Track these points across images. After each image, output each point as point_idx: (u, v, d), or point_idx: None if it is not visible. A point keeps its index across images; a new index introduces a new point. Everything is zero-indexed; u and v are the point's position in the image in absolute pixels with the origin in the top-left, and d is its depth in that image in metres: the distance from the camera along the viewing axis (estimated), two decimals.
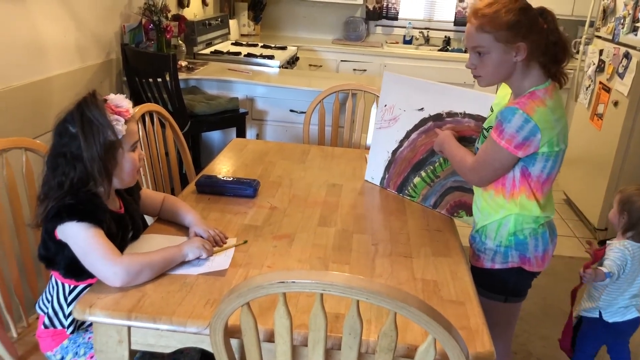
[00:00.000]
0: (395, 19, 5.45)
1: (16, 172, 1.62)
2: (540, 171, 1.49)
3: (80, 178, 1.29)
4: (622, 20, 3.49)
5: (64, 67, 2.52)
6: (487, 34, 1.45)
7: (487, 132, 1.53)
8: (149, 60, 2.93)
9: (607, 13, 3.77)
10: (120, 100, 1.36)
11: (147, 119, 2.12)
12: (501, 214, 1.55)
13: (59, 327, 1.41)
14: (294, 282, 0.97)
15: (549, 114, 1.42)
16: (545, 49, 1.44)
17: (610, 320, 2.01)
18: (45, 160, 1.34)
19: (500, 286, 1.61)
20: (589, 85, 3.85)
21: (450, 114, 1.76)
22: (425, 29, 5.49)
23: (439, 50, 5.30)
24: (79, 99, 1.31)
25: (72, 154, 1.29)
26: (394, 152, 1.96)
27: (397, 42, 5.48)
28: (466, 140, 1.73)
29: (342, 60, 5.04)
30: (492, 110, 1.62)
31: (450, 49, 5.33)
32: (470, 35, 1.48)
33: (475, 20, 1.46)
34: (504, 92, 1.60)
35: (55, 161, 1.30)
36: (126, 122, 1.34)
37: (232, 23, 4.84)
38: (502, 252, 1.57)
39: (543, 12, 1.46)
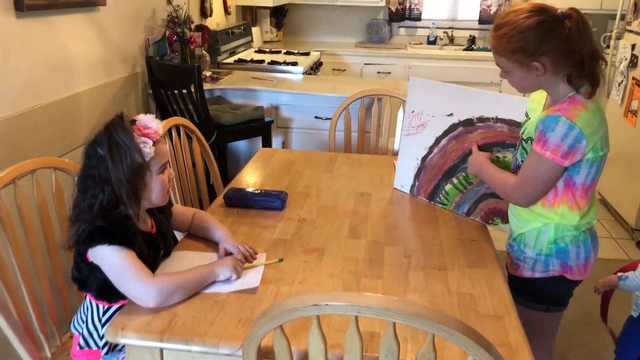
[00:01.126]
0: (419, 19, 5.39)
1: (46, 192, 1.63)
2: (585, 178, 1.43)
3: (109, 201, 1.29)
4: None
5: (90, 82, 2.55)
6: (501, 56, 1.43)
7: (527, 142, 1.47)
8: (173, 73, 2.95)
9: (638, 6, 3.66)
10: (149, 121, 1.35)
11: (173, 132, 2.12)
12: (540, 221, 1.50)
13: (94, 347, 1.41)
14: (327, 304, 0.94)
15: (592, 118, 1.37)
16: (569, 56, 1.37)
17: None
18: (75, 182, 1.34)
19: (541, 295, 1.56)
20: (622, 81, 3.73)
21: (481, 119, 1.72)
22: (449, 28, 5.41)
23: (464, 49, 5.22)
24: (107, 121, 1.30)
25: (100, 176, 1.29)
26: (424, 158, 1.92)
27: (421, 43, 5.42)
28: (500, 146, 1.68)
29: (365, 64, 5.00)
30: (527, 116, 1.56)
31: (475, 48, 5.25)
32: (493, 54, 1.48)
33: (491, 40, 1.45)
34: (540, 97, 1.54)
35: (85, 183, 1.30)
36: (154, 143, 1.33)
37: (255, 30, 4.85)
38: (542, 260, 1.52)
39: (567, 16, 1.37)
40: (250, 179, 2.15)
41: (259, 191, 1.90)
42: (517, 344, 1.21)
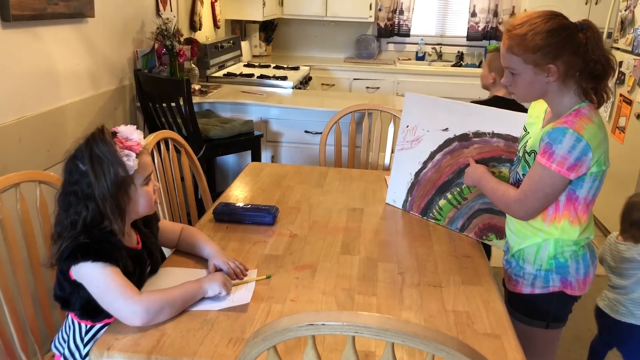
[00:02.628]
0: (407, 35, 5.42)
1: (30, 205, 1.58)
2: (587, 192, 1.42)
3: (93, 217, 1.24)
4: None
5: (77, 94, 2.50)
6: (516, 55, 1.40)
7: (530, 155, 1.45)
8: (162, 85, 2.91)
9: (625, 24, 3.70)
10: (131, 133, 1.31)
11: (162, 145, 2.08)
12: (540, 237, 1.48)
13: None
14: (324, 324, 0.90)
15: (597, 132, 1.36)
16: (584, 66, 1.37)
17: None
18: (56, 199, 1.29)
19: (541, 312, 1.53)
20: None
21: (477, 134, 1.70)
22: (438, 44, 5.45)
23: (452, 65, 5.25)
24: (87, 134, 1.26)
25: (83, 192, 1.24)
26: (417, 173, 1.90)
27: (409, 59, 5.45)
28: (496, 161, 1.66)
29: (354, 79, 5.00)
30: (525, 130, 1.55)
31: (463, 64, 5.28)
32: (503, 54, 1.44)
33: (506, 40, 1.42)
34: (538, 111, 1.53)
35: (67, 200, 1.25)
36: (137, 155, 1.29)
37: (244, 45, 4.84)
38: (542, 276, 1.50)
39: (585, 27, 1.37)
40: (240, 193, 2.11)
41: (249, 206, 1.86)
42: None
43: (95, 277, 1.22)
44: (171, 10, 3.49)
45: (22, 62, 2.10)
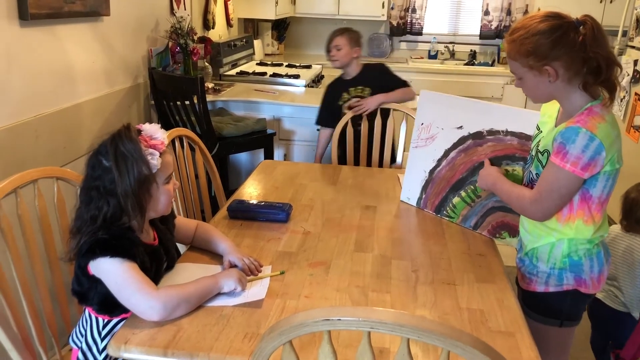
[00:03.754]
0: (420, 34, 5.41)
1: (48, 202, 1.60)
2: (601, 191, 1.41)
3: (113, 213, 1.26)
4: None
5: (92, 92, 2.53)
6: (515, 61, 1.42)
7: (543, 155, 1.45)
8: (176, 84, 2.93)
9: None
10: (155, 132, 1.33)
11: (177, 143, 2.10)
12: (554, 236, 1.47)
13: None
14: (339, 319, 0.91)
15: (609, 130, 1.35)
16: (585, 63, 1.36)
17: None
18: (78, 193, 1.31)
19: (555, 310, 1.53)
20: (624, 97, 3.73)
21: (491, 132, 1.70)
22: (450, 43, 5.43)
23: (465, 64, 5.23)
24: (113, 131, 1.27)
25: (105, 188, 1.26)
26: (432, 171, 1.90)
27: (422, 57, 5.43)
28: (509, 159, 1.66)
29: None
30: (538, 129, 1.54)
31: (476, 62, 5.26)
32: (507, 60, 1.47)
33: (506, 46, 1.44)
34: (551, 110, 1.52)
35: (89, 194, 1.27)
36: (161, 154, 1.31)
37: (257, 43, 4.85)
38: (556, 274, 1.49)
39: (582, 23, 1.36)
40: (253, 191, 2.12)
41: (262, 203, 1.87)
42: None
43: (113, 273, 1.23)
44: (185, 9, 3.51)
45: (39, 60, 2.13)
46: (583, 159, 1.34)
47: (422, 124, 1.90)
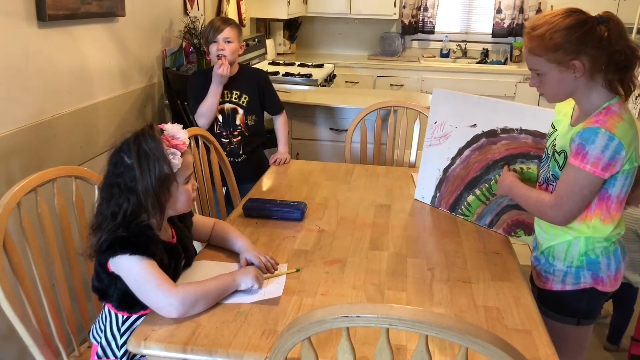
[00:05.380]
0: (432, 32, 5.39)
1: (66, 200, 1.62)
2: (620, 190, 1.41)
3: (133, 210, 1.28)
4: None
5: (108, 92, 2.55)
6: (538, 57, 1.40)
7: (560, 155, 1.44)
8: None
9: None
10: (177, 132, 1.35)
11: (192, 142, 2.12)
12: (571, 234, 1.47)
13: (112, 357, 1.39)
14: (358, 316, 0.92)
15: (628, 129, 1.35)
16: (609, 59, 1.35)
17: None
18: (99, 189, 1.33)
19: (572, 309, 1.52)
20: (639, 95, 3.70)
21: (505, 130, 1.70)
22: (463, 41, 5.41)
23: (477, 62, 5.21)
24: (136, 129, 1.29)
25: (126, 185, 1.27)
26: (446, 169, 1.90)
27: (434, 56, 5.42)
28: (524, 157, 1.66)
29: (378, 76, 5.00)
30: (553, 127, 1.54)
31: (488, 61, 5.24)
32: (525, 57, 1.44)
33: (527, 42, 1.42)
34: (566, 108, 1.52)
35: (110, 191, 1.29)
36: (182, 154, 1.32)
37: (269, 43, 4.87)
38: (573, 273, 1.49)
39: (605, 20, 1.36)
40: (268, 189, 2.14)
41: (277, 202, 1.88)
42: None
43: (133, 270, 1.25)
44: (198, 9, 3.53)
45: (57, 60, 2.16)
46: (603, 159, 1.33)
47: (436, 122, 1.90)
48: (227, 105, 2.50)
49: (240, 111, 2.50)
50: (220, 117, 2.48)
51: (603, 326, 2.58)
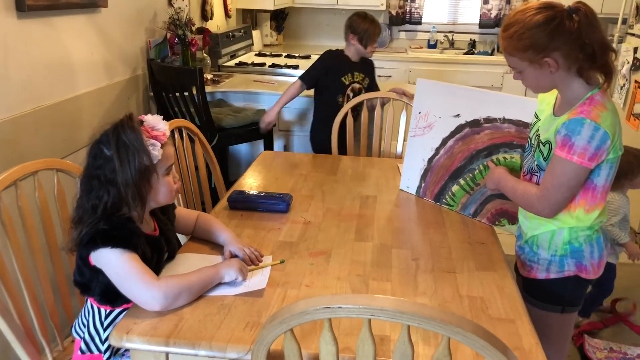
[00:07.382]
0: (419, 23, 5.39)
1: (48, 193, 1.60)
2: (605, 180, 1.41)
3: (113, 202, 1.26)
4: None
5: (91, 84, 2.52)
6: (512, 56, 1.41)
7: (545, 146, 1.44)
8: (175, 75, 2.92)
9: None
10: (157, 123, 1.33)
11: (176, 134, 2.10)
12: (555, 224, 1.48)
13: (96, 352, 1.38)
14: (340, 307, 0.91)
15: (611, 117, 1.35)
16: (581, 51, 1.35)
17: None
18: (79, 182, 1.31)
19: (556, 297, 1.54)
20: (624, 85, 3.72)
21: (488, 120, 1.70)
22: (450, 32, 5.41)
23: (465, 53, 5.22)
24: (116, 121, 1.27)
25: (106, 177, 1.26)
26: (430, 160, 1.90)
27: (421, 47, 5.42)
28: (507, 147, 1.66)
29: None
30: (536, 117, 1.54)
31: (475, 52, 5.24)
32: (504, 55, 1.45)
33: (501, 42, 1.44)
34: (549, 98, 1.52)
35: (90, 184, 1.27)
36: (162, 145, 1.31)
37: (255, 34, 4.83)
38: (557, 261, 1.50)
39: (575, 10, 1.35)
40: (253, 182, 2.13)
41: (263, 194, 1.87)
42: (531, 348, 1.18)
43: (115, 263, 1.24)
44: (183, 0, 3.49)
45: (37, 52, 2.13)
46: (590, 150, 1.33)
47: (420, 112, 1.90)
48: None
49: None
50: (351, 94, 2.94)
51: None
